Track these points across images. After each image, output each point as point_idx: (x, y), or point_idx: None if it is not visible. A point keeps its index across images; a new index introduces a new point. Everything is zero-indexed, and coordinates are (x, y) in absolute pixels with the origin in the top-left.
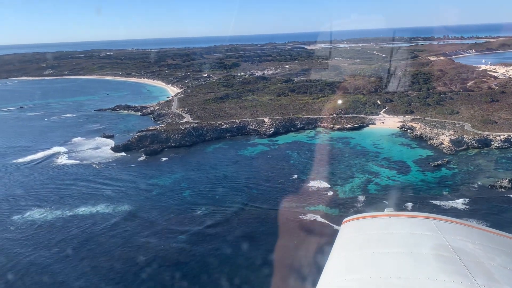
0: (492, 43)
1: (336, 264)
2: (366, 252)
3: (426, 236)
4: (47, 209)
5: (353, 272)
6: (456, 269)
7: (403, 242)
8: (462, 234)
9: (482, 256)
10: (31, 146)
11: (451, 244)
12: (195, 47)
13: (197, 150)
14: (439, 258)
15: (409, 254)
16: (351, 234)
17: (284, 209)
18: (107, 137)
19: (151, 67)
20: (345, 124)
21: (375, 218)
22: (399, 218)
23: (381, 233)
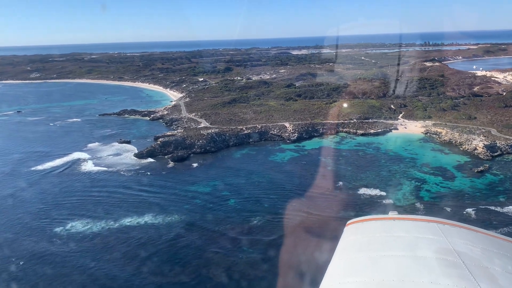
0: (477, 50)
1: (338, 266)
2: (369, 255)
3: (430, 239)
4: (89, 220)
5: (356, 274)
6: (460, 273)
7: (406, 246)
8: (466, 238)
9: (486, 261)
10: (48, 152)
11: (455, 248)
12: (179, 51)
13: (224, 156)
14: (443, 262)
15: (413, 258)
16: (354, 237)
17: (349, 218)
18: (124, 143)
19: (142, 71)
20: (368, 129)
21: (379, 221)
22: (403, 221)
23: (385, 236)
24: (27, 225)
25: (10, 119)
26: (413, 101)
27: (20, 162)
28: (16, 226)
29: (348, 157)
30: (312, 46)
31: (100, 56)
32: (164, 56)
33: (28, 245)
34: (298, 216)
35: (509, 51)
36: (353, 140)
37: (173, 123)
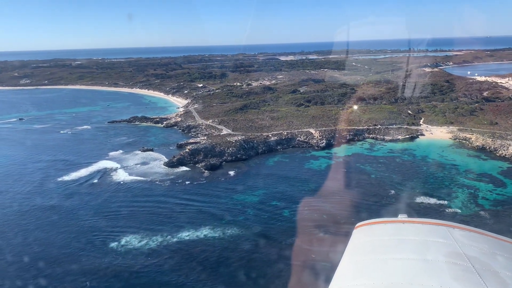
0: (466, 56)
1: (347, 268)
2: (378, 258)
3: (439, 243)
4: (143, 234)
5: (364, 277)
6: (469, 277)
7: (415, 249)
8: (476, 242)
9: (496, 265)
10: (71, 161)
11: (465, 252)
12: (165, 57)
13: (257, 164)
14: (453, 266)
15: (422, 261)
16: (363, 239)
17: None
18: (147, 151)
19: (136, 77)
20: (395, 135)
21: (388, 223)
22: (412, 225)
23: (394, 239)
24: (79, 241)
25: (15, 127)
26: (428, 106)
27: (46, 172)
28: (68, 242)
29: (386, 164)
30: (298, 52)
31: (86, 62)
32: (152, 62)
33: (87, 263)
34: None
35: (495, 57)
36: (383, 146)
37: (191, 130)
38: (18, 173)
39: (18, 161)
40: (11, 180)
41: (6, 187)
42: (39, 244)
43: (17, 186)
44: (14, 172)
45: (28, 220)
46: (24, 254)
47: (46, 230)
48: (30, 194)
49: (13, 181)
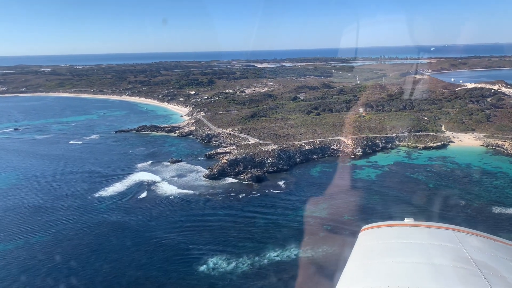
0: (442, 63)
1: (353, 271)
2: (384, 261)
3: (446, 247)
4: (227, 255)
5: (370, 280)
6: (476, 282)
7: (422, 253)
8: (483, 247)
9: (503, 270)
10: (102, 173)
11: (472, 256)
12: (137, 63)
13: (302, 174)
14: (459, 270)
15: (428, 265)
16: (369, 242)
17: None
18: (176, 162)
19: (119, 84)
20: (427, 143)
21: (394, 227)
22: (419, 228)
23: (400, 242)
24: (162, 263)
25: (16, 138)
26: (441, 113)
27: (81, 186)
28: (150, 264)
29: (436, 172)
30: (272, 60)
31: (58, 69)
32: (126, 69)
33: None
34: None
35: (469, 64)
36: (420, 154)
37: (211, 139)
38: (51, 188)
39: (42, 174)
40: (49, 196)
41: (49, 204)
42: (118, 268)
43: (60, 202)
44: (47, 186)
45: (89, 239)
46: (110, 283)
47: (116, 250)
48: (80, 211)
49: (52, 198)
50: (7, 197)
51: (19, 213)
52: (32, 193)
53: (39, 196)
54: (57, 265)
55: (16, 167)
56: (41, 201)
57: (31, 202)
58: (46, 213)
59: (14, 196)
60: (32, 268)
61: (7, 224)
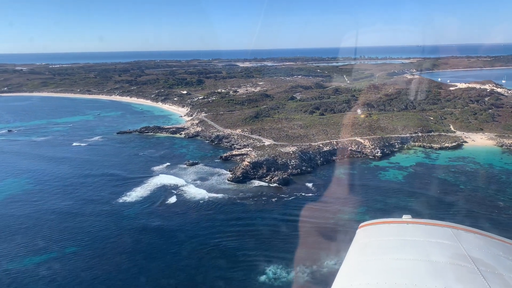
0: (425, 63)
1: (350, 268)
2: (382, 258)
3: (443, 244)
4: (282, 261)
5: (368, 277)
6: (474, 279)
7: (419, 250)
8: (481, 244)
9: (501, 268)
10: (121, 177)
11: (470, 254)
12: (115, 62)
13: (327, 176)
14: (457, 267)
15: (426, 262)
16: (367, 239)
17: None
18: (193, 165)
19: (105, 83)
20: (442, 143)
21: (392, 224)
22: (417, 225)
23: (398, 240)
24: (221, 272)
25: (12, 140)
26: (446, 113)
27: (103, 189)
28: (204, 274)
29: (461, 173)
30: (252, 59)
31: (36, 67)
32: (107, 68)
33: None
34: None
35: (450, 64)
36: (438, 154)
37: (222, 140)
38: (70, 192)
39: (56, 178)
40: (72, 202)
41: (75, 209)
42: (176, 277)
43: (86, 207)
44: (65, 191)
45: (133, 246)
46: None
47: (166, 257)
48: (112, 217)
49: (76, 203)
50: (25, 204)
51: (45, 220)
52: (52, 198)
53: (61, 201)
54: (105, 279)
55: (24, 171)
56: (65, 207)
57: (55, 208)
58: (75, 220)
59: (33, 202)
60: (78, 284)
61: (35, 233)
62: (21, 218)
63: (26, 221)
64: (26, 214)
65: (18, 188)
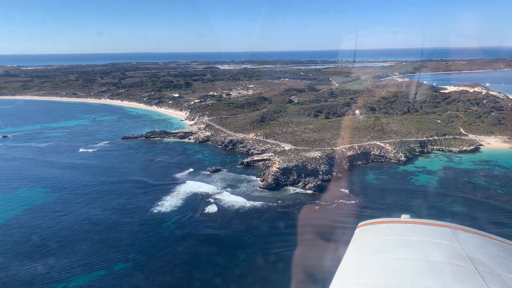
0: (407, 66)
1: (349, 268)
2: (380, 257)
3: (442, 244)
4: None
5: (366, 276)
6: (472, 279)
7: (418, 250)
8: (479, 244)
9: (499, 268)
10: (148, 183)
11: (468, 254)
12: (91, 65)
13: (360, 182)
14: (455, 267)
15: (424, 262)
16: (365, 239)
17: None
18: (216, 171)
19: (89, 86)
20: (460, 147)
21: (391, 224)
22: (415, 225)
23: (396, 239)
24: None
25: (11, 146)
26: (451, 116)
27: (130, 198)
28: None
29: (493, 176)
30: (231, 61)
31: (11, 70)
32: (86, 70)
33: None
34: None
35: (429, 67)
36: (460, 158)
37: (236, 145)
38: (96, 201)
39: (75, 186)
40: (102, 211)
41: (109, 220)
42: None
43: (122, 217)
44: (90, 200)
45: (190, 259)
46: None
47: (244, 270)
48: (152, 228)
49: (107, 213)
50: (51, 215)
51: (80, 232)
52: (78, 208)
53: (90, 211)
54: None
55: (38, 179)
56: (98, 217)
57: (86, 218)
58: (114, 231)
59: (59, 213)
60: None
61: (74, 249)
62: (52, 231)
63: (60, 234)
64: (56, 227)
65: (38, 198)
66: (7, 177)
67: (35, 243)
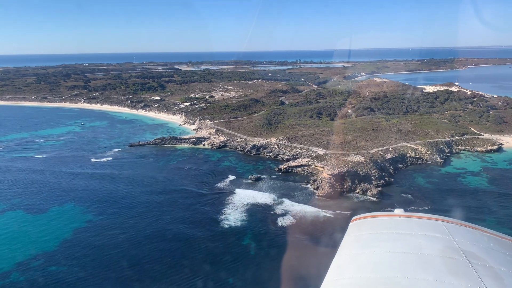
0: (370, 67)
1: (343, 261)
2: (374, 251)
3: (435, 238)
4: None
5: (360, 270)
6: (465, 272)
7: (412, 243)
8: (472, 238)
9: (491, 260)
10: (193, 193)
11: (461, 247)
12: (41, 66)
13: (415, 186)
14: (448, 260)
15: (418, 255)
16: (359, 233)
17: None
18: (259, 180)
19: (56, 90)
20: (483, 146)
21: (384, 217)
22: (409, 219)
23: (390, 233)
24: None
25: (12, 159)
26: (454, 115)
27: (188, 211)
28: None
29: None
30: (187, 62)
31: None
32: (39, 72)
33: None
34: None
35: (391, 68)
36: (491, 158)
37: (260, 150)
38: (151, 213)
39: (113, 197)
40: (165, 225)
41: (181, 233)
42: None
43: (195, 231)
44: (142, 212)
45: None
46: None
47: None
48: (236, 242)
49: (174, 225)
50: (108, 234)
51: (151, 251)
52: (136, 224)
53: (152, 227)
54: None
55: (65, 194)
56: (164, 233)
57: (152, 235)
58: (192, 250)
59: (116, 231)
60: None
61: (161, 274)
62: (121, 252)
63: (132, 254)
64: (122, 246)
65: (78, 215)
66: (27, 193)
67: (112, 267)
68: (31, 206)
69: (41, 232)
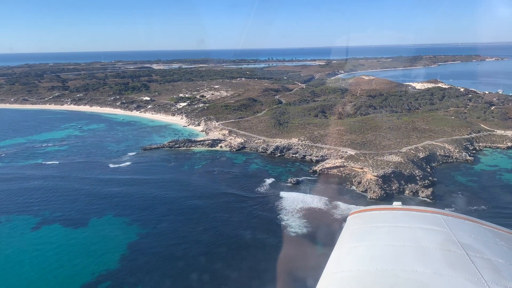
0: (348, 65)
1: (341, 255)
2: (372, 244)
3: (434, 231)
4: None
5: (358, 263)
6: (463, 264)
7: (410, 236)
8: (470, 231)
9: (489, 253)
10: (241, 195)
11: (459, 240)
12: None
13: (459, 185)
14: (446, 253)
15: (416, 248)
16: (357, 226)
17: None
18: (297, 183)
19: (34, 91)
20: (504, 143)
21: (383, 211)
22: (407, 212)
23: (388, 226)
24: None
25: (21, 166)
26: (458, 112)
27: (251, 216)
28: None
29: None
30: (156, 60)
31: None
32: (5, 73)
33: None
34: None
35: (366, 65)
36: None
37: (284, 151)
38: (211, 219)
39: (159, 203)
40: (248, 230)
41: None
42: None
43: (264, 237)
44: (202, 220)
45: None
46: None
47: None
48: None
49: (246, 232)
50: (177, 248)
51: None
52: (199, 235)
53: (222, 234)
54: None
55: (99, 203)
56: (239, 242)
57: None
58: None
59: (184, 245)
60: None
61: None
62: (199, 266)
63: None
64: (197, 265)
65: (125, 226)
66: (55, 204)
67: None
68: (67, 219)
69: (92, 246)
